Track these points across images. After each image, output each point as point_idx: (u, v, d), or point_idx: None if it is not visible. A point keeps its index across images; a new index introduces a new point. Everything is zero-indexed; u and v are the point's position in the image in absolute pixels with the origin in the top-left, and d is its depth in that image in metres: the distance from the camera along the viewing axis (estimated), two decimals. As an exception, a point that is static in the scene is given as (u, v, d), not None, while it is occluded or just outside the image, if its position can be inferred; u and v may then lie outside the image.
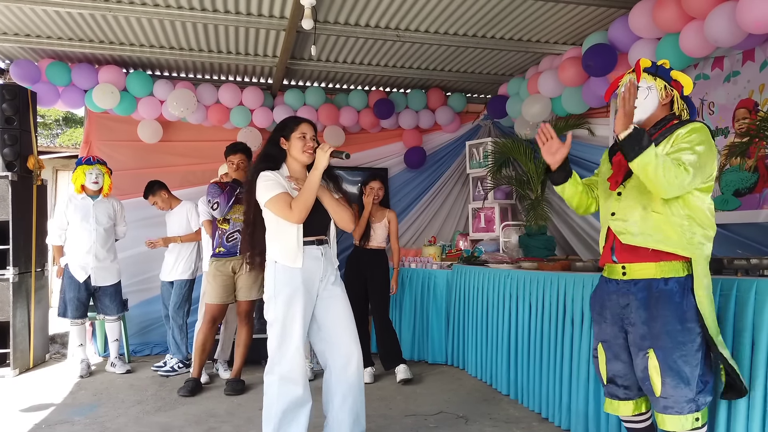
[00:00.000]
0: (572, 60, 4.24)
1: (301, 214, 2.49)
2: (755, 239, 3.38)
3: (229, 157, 4.10)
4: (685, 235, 1.97)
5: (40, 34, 4.53)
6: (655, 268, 1.99)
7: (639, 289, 2.02)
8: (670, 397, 1.94)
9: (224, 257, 4.03)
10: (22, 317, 4.61)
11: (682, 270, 1.97)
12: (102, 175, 4.52)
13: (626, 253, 2.06)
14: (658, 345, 1.96)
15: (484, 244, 5.29)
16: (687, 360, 1.92)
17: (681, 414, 1.92)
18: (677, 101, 2.13)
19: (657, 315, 1.96)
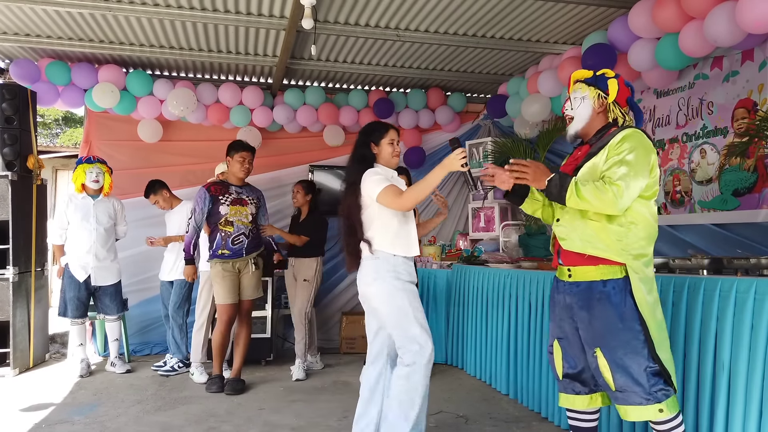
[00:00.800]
0: (572, 59, 4.24)
1: (411, 203, 2.54)
2: (754, 239, 3.39)
3: (241, 153, 4.01)
4: (621, 241, 2.04)
5: (40, 33, 4.53)
6: (595, 271, 2.08)
7: (581, 291, 2.11)
8: (625, 391, 2.02)
9: (229, 259, 4.00)
10: (21, 317, 4.61)
11: (620, 272, 2.05)
12: (102, 174, 4.53)
13: (570, 257, 2.15)
14: (603, 344, 2.05)
15: (484, 244, 5.29)
16: (632, 357, 2.00)
17: (641, 405, 1.99)
18: (612, 109, 2.17)
19: (598, 315, 2.05)
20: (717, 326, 2.20)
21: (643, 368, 1.99)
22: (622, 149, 2.02)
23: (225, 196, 4.01)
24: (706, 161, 3.73)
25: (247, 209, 4.05)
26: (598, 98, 2.17)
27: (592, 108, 2.18)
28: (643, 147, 2.03)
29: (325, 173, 5.91)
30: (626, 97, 2.20)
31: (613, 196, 1.96)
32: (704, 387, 2.24)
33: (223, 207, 3.99)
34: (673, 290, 2.45)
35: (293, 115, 5.53)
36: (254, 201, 4.12)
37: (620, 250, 2.03)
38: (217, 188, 4.04)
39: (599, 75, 2.20)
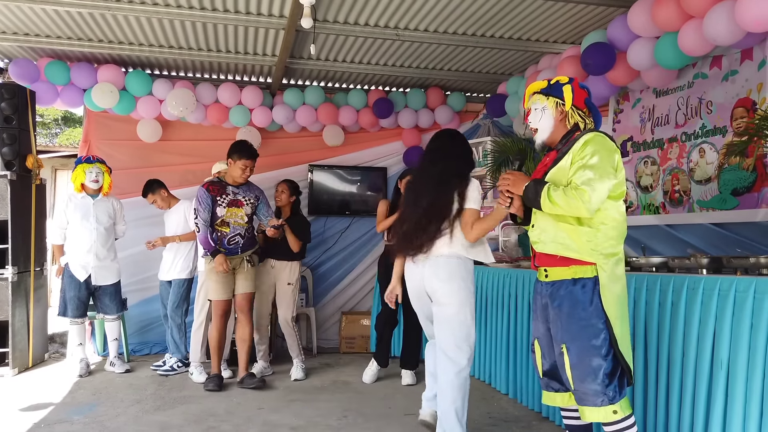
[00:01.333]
0: (571, 59, 4.24)
1: (477, 236, 2.73)
2: (753, 238, 3.39)
3: (245, 161, 4.01)
4: (592, 242, 2.12)
5: (39, 33, 4.53)
6: (567, 271, 2.16)
7: (554, 290, 2.20)
8: (581, 390, 2.10)
9: (229, 255, 4.02)
10: (21, 316, 4.61)
11: (591, 272, 2.12)
12: (102, 174, 4.52)
13: (544, 259, 2.24)
14: (567, 340, 2.13)
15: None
16: (592, 355, 2.07)
17: (596, 406, 2.07)
18: (571, 115, 2.24)
19: (566, 313, 2.14)
20: (716, 325, 2.20)
21: (600, 368, 2.06)
22: (584, 154, 2.09)
23: (222, 197, 4.03)
24: (705, 160, 3.73)
25: (242, 210, 4.07)
26: (556, 107, 2.25)
27: (552, 117, 2.26)
28: (605, 149, 2.10)
29: (324, 173, 5.91)
30: (584, 99, 2.27)
31: (581, 201, 2.03)
32: (701, 386, 2.24)
33: (220, 209, 4.01)
34: (672, 289, 2.45)
35: (292, 115, 5.53)
36: (250, 201, 4.12)
37: (591, 251, 2.11)
38: (215, 189, 4.05)
39: (554, 84, 2.28)
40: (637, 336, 2.64)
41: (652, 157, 4.19)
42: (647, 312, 2.59)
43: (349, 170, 5.95)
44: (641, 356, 2.62)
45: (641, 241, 3.99)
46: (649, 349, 2.57)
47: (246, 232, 4.10)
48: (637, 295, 2.66)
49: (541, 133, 2.29)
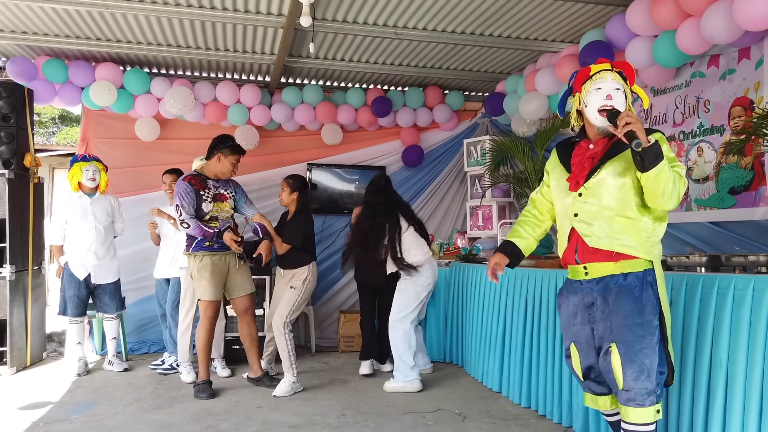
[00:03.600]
0: (569, 57, 4.25)
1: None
2: (751, 237, 3.40)
3: (237, 156, 3.98)
4: (650, 238, 2.03)
5: (37, 31, 4.52)
6: (614, 266, 2.04)
7: (600, 287, 2.07)
8: (632, 390, 1.99)
9: (219, 251, 3.88)
10: (19, 315, 4.60)
11: (639, 266, 2.02)
12: (99, 172, 4.51)
13: (588, 255, 2.08)
14: (619, 338, 2.01)
15: (482, 242, 5.30)
16: (647, 352, 1.97)
17: (643, 406, 1.98)
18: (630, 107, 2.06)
19: (617, 309, 2.01)
20: (714, 323, 2.21)
21: (653, 366, 1.97)
22: (666, 151, 1.94)
23: (206, 192, 3.87)
24: (703, 159, 3.74)
25: (226, 204, 3.98)
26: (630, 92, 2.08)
27: (626, 103, 2.04)
28: (672, 152, 2.00)
29: (323, 172, 5.91)
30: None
31: (679, 190, 1.92)
32: (700, 384, 2.24)
33: (206, 204, 3.85)
34: (671, 288, 2.46)
35: (291, 114, 5.52)
36: (232, 195, 4.04)
37: (648, 247, 2.01)
38: (197, 182, 3.87)
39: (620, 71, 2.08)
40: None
41: (650, 156, 4.20)
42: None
43: (347, 169, 5.95)
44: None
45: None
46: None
47: (232, 227, 4.02)
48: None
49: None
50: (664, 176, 1.87)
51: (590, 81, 2.08)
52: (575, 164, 2.15)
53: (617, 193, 2.01)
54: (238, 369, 4.55)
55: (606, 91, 2.02)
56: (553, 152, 2.33)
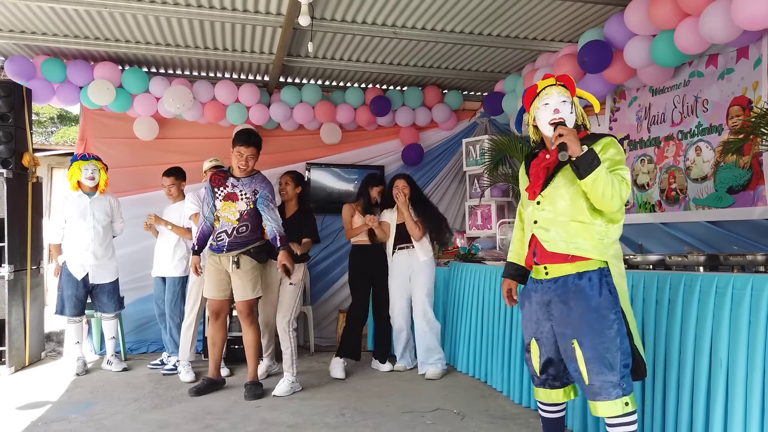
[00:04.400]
0: (568, 57, 4.25)
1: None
2: (749, 236, 3.40)
3: (237, 148, 3.77)
4: (603, 240, 2.15)
5: (35, 30, 4.51)
6: (570, 266, 2.16)
7: (558, 286, 2.19)
8: (596, 384, 2.08)
9: (215, 252, 3.88)
10: (17, 315, 4.60)
11: (594, 265, 2.14)
12: (98, 171, 4.50)
13: (546, 257, 2.21)
14: (579, 335, 2.12)
15: (481, 242, 5.30)
16: (607, 347, 2.07)
17: (609, 399, 2.06)
18: (584, 116, 2.27)
19: (575, 307, 2.13)
20: (713, 323, 2.21)
21: (616, 360, 2.06)
22: (611, 155, 2.12)
23: (220, 189, 3.84)
24: (701, 159, 3.75)
25: (235, 206, 3.79)
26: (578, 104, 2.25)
27: (574, 113, 2.22)
28: (622, 156, 2.16)
29: (322, 171, 5.91)
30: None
31: (620, 193, 2.05)
32: (699, 384, 2.24)
33: (218, 201, 3.84)
34: (670, 287, 2.46)
35: (290, 113, 5.52)
36: (246, 196, 3.80)
37: (602, 248, 2.14)
38: (217, 179, 3.85)
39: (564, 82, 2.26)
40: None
41: (648, 155, 4.21)
42: (644, 310, 2.60)
43: (346, 168, 5.95)
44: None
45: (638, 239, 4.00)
46: (645, 348, 2.58)
47: (235, 231, 3.79)
48: (634, 293, 2.67)
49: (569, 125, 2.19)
50: (601, 181, 2.02)
51: (538, 98, 2.24)
52: (532, 174, 2.30)
53: (570, 200, 2.15)
54: (237, 369, 4.55)
55: (553, 105, 2.19)
56: (522, 164, 2.45)
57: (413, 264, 4.48)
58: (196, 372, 4.31)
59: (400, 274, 4.51)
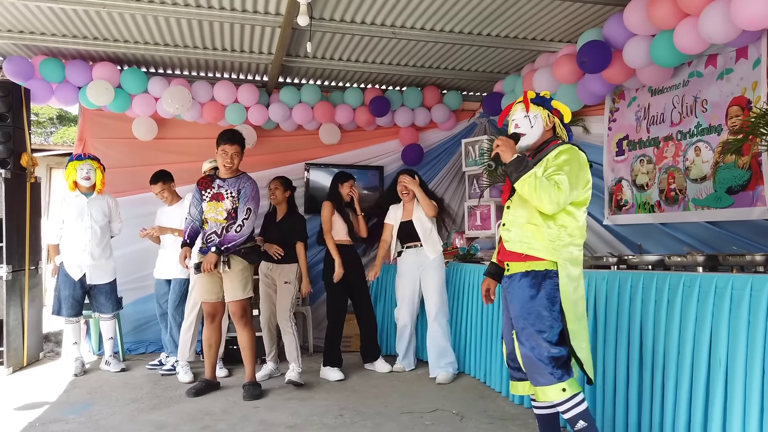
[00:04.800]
0: (567, 57, 4.25)
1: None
2: (749, 236, 3.40)
3: (222, 147, 3.78)
4: (554, 243, 2.34)
5: (34, 30, 4.50)
6: (522, 265, 2.40)
7: (510, 282, 2.46)
8: (530, 374, 2.35)
9: (206, 254, 3.82)
10: (15, 315, 4.59)
11: (542, 266, 2.35)
12: (93, 171, 4.48)
13: (506, 256, 2.48)
14: (517, 326, 2.39)
15: (480, 242, 5.29)
16: (536, 340, 2.30)
17: (545, 385, 2.28)
18: (558, 127, 2.49)
19: (516, 301, 2.40)
20: (713, 323, 2.21)
21: (546, 354, 2.28)
22: (560, 161, 2.32)
23: (207, 191, 3.85)
24: (700, 159, 3.74)
25: (222, 205, 3.78)
26: (548, 117, 2.48)
27: (542, 126, 2.48)
28: (577, 161, 2.33)
29: (321, 171, 5.90)
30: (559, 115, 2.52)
31: (550, 195, 2.24)
32: (698, 384, 2.24)
33: (204, 204, 3.85)
34: (669, 287, 2.46)
35: (289, 113, 5.52)
36: (231, 195, 3.80)
37: (552, 250, 2.33)
38: (204, 182, 3.91)
39: (542, 97, 2.53)
40: (632, 334, 2.65)
41: (647, 156, 4.20)
42: (643, 310, 2.60)
43: (345, 169, 5.92)
44: (636, 355, 2.63)
45: (637, 240, 4.00)
46: (644, 348, 2.58)
47: (224, 231, 3.78)
48: (632, 294, 2.67)
49: (529, 138, 2.47)
50: (528, 186, 2.26)
51: (509, 115, 2.58)
52: (507, 182, 2.53)
53: (526, 204, 2.37)
54: (235, 369, 4.54)
55: (515, 121, 2.52)
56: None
57: (422, 262, 4.41)
58: (195, 372, 4.30)
59: (409, 273, 4.47)
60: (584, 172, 2.34)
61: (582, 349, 2.29)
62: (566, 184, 2.24)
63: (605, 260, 3.17)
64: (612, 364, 2.79)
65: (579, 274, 2.36)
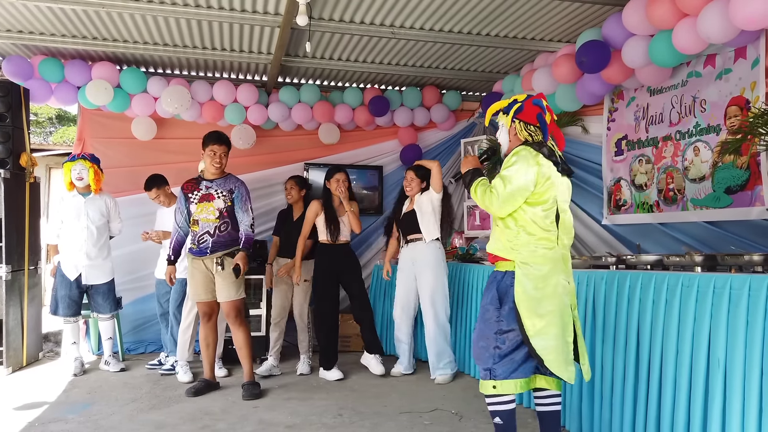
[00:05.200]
0: (566, 57, 4.25)
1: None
2: (747, 236, 3.40)
3: (211, 147, 3.82)
4: (512, 243, 2.42)
5: (33, 30, 4.50)
6: (496, 264, 2.54)
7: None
8: (476, 362, 2.48)
9: (197, 256, 3.86)
10: (15, 315, 4.59)
11: (503, 267, 2.46)
12: (86, 170, 4.45)
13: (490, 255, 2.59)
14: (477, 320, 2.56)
15: (479, 242, 5.30)
16: (484, 335, 2.42)
17: (483, 379, 2.42)
18: (520, 131, 2.52)
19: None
20: (711, 323, 2.21)
21: (486, 348, 2.39)
22: (508, 164, 2.40)
23: (194, 194, 3.85)
24: (699, 159, 3.74)
25: (212, 204, 3.80)
26: (510, 124, 2.55)
27: (507, 133, 2.57)
28: (524, 162, 2.37)
29: (320, 171, 5.87)
30: (536, 115, 2.49)
31: (489, 200, 2.40)
32: (697, 384, 2.24)
33: (192, 205, 3.84)
34: (667, 287, 2.46)
35: (288, 113, 5.52)
36: (222, 195, 3.83)
37: (510, 250, 2.42)
38: (189, 185, 3.90)
39: (512, 102, 2.56)
40: (630, 334, 2.65)
41: (646, 156, 4.21)
42: (641, 310, 2.60)
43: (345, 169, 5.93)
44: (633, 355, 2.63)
45: (635, 240, 4.00)
46: (641, 348, 2.58)
47: (216, 230, 3.80)
48: (631, 293, 2.67)
49: (503, 147, 2.61)
50: (473, 193, 2.51)
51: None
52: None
53: None
54: (234, 369, 4.54)
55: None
56: None
57: (417, 257, 4.33)
58: (194, 372, 4.30)
59: (405, 268, 4.45)
60: (528, 173, 2.34)
61: (548, 348, 2.27)
62: (501, 187, 2.35)
63: (604, 260, 3.17)
64: (609, 364, 2.79)
65: (547, 271, 2.35)
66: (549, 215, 2.39)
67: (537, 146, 2.42)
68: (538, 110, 2.49)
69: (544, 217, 2.38)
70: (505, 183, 2.35)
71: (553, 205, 2.40)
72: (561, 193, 2.45)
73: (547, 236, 2.38)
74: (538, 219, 2.38)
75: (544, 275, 2.34)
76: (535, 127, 2.48)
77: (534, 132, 2.49)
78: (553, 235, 2.39)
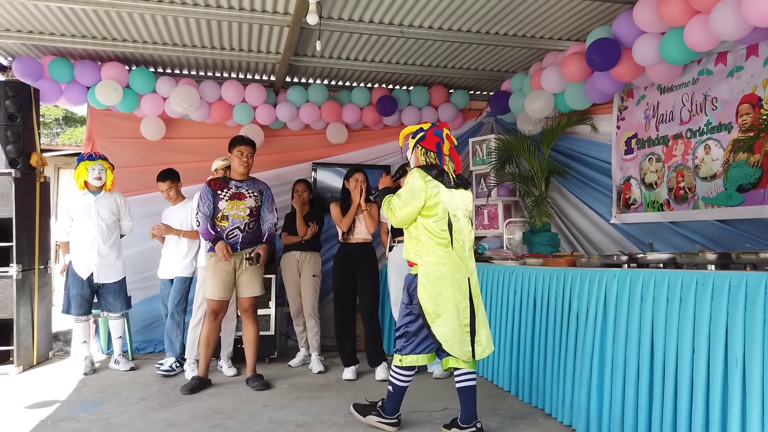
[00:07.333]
0: (575, 55, 4.24)
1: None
2: (760, 235, 3.38)
3: (239, 147, 4.06)
4: (414, 248, 2.98)
5: (43, 30, 4.53)
6: (411, 269, 3.05)
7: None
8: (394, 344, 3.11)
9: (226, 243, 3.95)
10: (25, 314, 4.61)
11: (414, 270, 3.00)
12: (105, 171, 4.51)
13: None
14: None
15: (488, 241, 5.28)
16: (400, 324, 3.03)
17: (395, 354, 3.04)
18: (421, 156, 3.06)
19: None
20: (728, 321, 2.19)
21: (396, 331, 3.05)
22: (405, 184, 2.97)
23: (224, 191, 4.01)
24: (710, 157, 3.72)
25: (244, 202, 4.02)
26: (413, 150, 3.10)
27: (411, 156, 3.14)
28: (413, 182, 2.92)
29: (328, 171, 5.91)
30: (435, 143, 3.02)
31: (391, 213, 2.99)
32: (714, 384, 2.22)
33: (222, 202, 3.99)
34: (681, 285, 2.44)
35: (296, 113, 5.52)
36: (254, 195, 4.08)
37: (414, 255, 2.97)
38: (217, 183, 4.06)
39: (418, 129, 3.09)
40: (644, 333, 2.63)
41: (656, 154, 4.19)
42: (655, 309, 2.58)
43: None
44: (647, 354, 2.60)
45: (647, 239, 3.99)
46: (655, 347, 2.56)
47: (246, 226, 4.02)
48: (644, 292, 2.65)
49: (411, 166, 3.12)
50: (383, 208, 3.08)
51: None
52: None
53: None
54: (244, 368, 4.54)
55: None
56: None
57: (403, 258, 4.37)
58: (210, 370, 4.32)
59: (395, 268, 4.46)
60: (415, 192, 2.88)
61: (442, 333, 2.85)
62: (397, 203, 2.95)
63: (616, 259, 3.15)
64: (621, 363, 2.76)
65: (444, 271, 2.89)
66: (441, 224, 2.92)
67: (427, 169, 2.95)
68: (437, 139, 3.02)
69: (437, 226, 2.91)
70: (401, 200, 2.94)
71: (444, 215, 2.92)
72: (452, 206, 2.95)
73: (441, 242, 2.91)
74: (432, 227, 2.91)
75: (441, 275, 2.88)
76: (434, 153, 3.02)
77: (433, 158, 3.02)
78: (446, 241, 2.91)
